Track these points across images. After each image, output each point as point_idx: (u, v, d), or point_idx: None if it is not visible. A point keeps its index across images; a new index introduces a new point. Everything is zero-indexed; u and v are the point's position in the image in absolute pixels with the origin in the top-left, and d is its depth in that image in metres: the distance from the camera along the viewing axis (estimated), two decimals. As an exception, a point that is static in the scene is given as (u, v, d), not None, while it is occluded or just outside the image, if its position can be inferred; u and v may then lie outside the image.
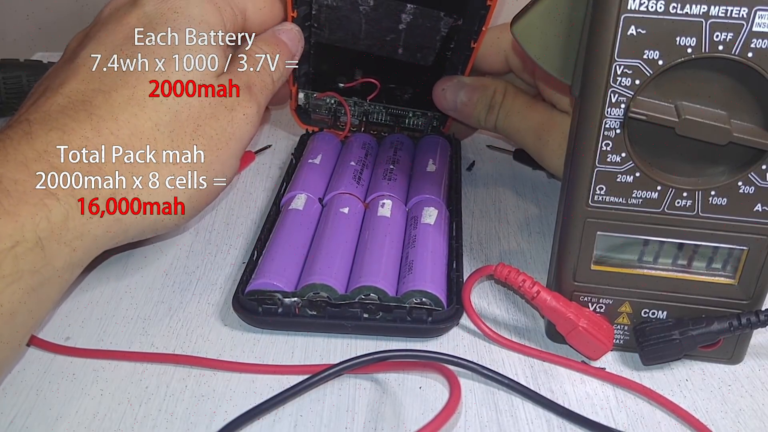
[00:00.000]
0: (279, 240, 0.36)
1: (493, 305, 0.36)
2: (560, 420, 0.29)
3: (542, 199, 0.46)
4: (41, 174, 0.27)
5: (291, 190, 0.41)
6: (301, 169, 0.43)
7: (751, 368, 0.32)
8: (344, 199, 0.40)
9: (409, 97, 0.47)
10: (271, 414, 0.29)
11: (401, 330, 0.33)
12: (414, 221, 0.38)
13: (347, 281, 0.34)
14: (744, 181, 0.28)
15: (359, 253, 0.36)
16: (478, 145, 0.53)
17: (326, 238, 0.36)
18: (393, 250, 0.36)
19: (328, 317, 0.33)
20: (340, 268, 0.34)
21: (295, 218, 0.38)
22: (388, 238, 0.37)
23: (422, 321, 0.33)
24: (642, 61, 0.26)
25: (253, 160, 0.49)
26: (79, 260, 0.29)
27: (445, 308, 0.33)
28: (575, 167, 0.29)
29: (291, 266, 0.35)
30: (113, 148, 0.29)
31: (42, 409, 0.29)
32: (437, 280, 0.34)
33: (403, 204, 0.40)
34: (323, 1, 0.42)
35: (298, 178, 0.42)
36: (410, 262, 0.35)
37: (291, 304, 0.33)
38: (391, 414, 0.29)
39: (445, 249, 0.37)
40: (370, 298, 0.33)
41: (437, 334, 0.34)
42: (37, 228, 0.26)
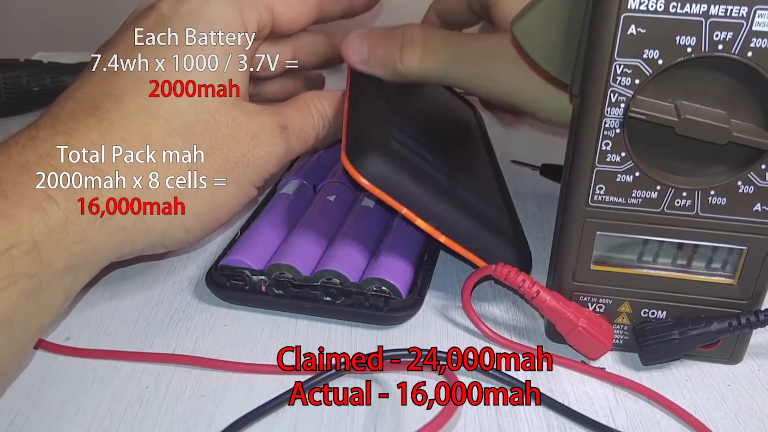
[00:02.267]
0: (260, 221, 0.38)
1: (492, 305, 0.36)
2: (560, 420, 0.29)
3: (542, 199, 0.46)
4: (41, 174, 0.27)
5: (288, 176, 0.43)
6: (303, 157, 0.45)
7: (751, 368, 0.32)
8: (334, 187, 0.41)
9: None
10: (270, 414, 0.29)
11: (358, 315, 0.34)
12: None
13: (316, 265, 0.35)
14: (743, 180, 0.28)
15: (334, 239, 0.37)
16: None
17: (304, 223, 0.37)
18: (367, 239, 0.37)
19: (290, 297, 0.34)
20: (311, 252, 0.35)
21: (282, 202, 0.40)
22: (365, 226, 0.38)
23: (378, 308, 0.34)
24: (642, 61, 0.26)
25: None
26: (79, 265, 0.28)
27: (403, 297, 0.33)
28: (574, 167, 0.29)
29: (266, 246, 0.36)
30: (113, 148, 0.29)
31: (42, 409, 0.29)
32: (400, 270, 0.35)
33: None
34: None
35: (297, 165, 0.44)
36: (380, 251, 0.36)
37: (258, 281, 0.34)
38: (391, 414, 0.29)
39: (420, 241, 0.38)
40: (332, 282, 0.34)
41: (394, 323, 0.34)
42: (33, 231, 0.26)
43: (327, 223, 0.38)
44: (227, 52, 0.33)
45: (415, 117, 0.41)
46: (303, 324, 0.34)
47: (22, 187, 0.27)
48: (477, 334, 0.34)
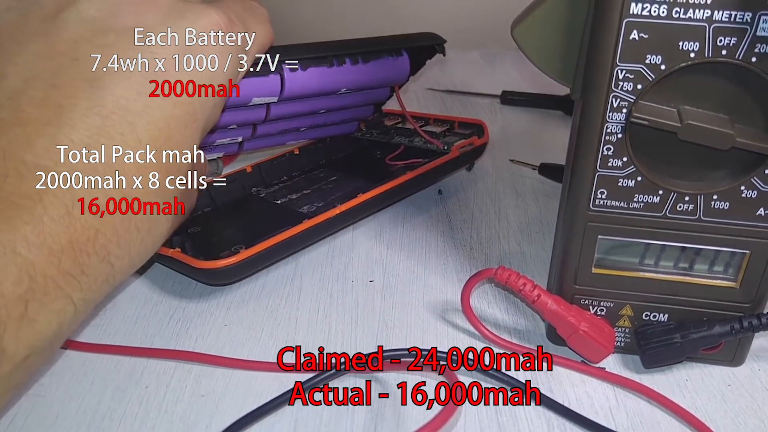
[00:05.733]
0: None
1: (493, 307, 0.36)
2: (560, 420, 0.29)
3: (542, 200, 0.46)
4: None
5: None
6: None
7: (751, 368, 0.32)
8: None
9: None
10: (270, 414, 0.29)
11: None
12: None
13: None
14: (746, 185, 0.28)
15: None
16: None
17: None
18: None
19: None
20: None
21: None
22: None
23: None
24: (644, 66, 0.26)
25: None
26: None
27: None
28: (576, 171, 0.29)
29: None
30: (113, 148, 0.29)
31: (42, 409, 0.29)
32: None
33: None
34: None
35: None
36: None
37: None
38: (391, 414, 0.29)
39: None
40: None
41: None
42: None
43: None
44: (227, 52, 0.32)
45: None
46: (303, 324, 0.34)
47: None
48: (477, 335, 0.34)
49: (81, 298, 0.26)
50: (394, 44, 0.44)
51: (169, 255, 0.35)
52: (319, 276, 0.38)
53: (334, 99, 0.43)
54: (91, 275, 0.27)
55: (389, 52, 0.44)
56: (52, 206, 0.26)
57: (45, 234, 0.25)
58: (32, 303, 0.24)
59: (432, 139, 0.47)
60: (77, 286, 0.26)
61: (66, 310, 0.26)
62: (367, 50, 0.42)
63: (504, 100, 0.63)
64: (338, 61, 0.41)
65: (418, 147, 0.47)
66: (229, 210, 0.43)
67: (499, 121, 0.59)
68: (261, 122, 0.41)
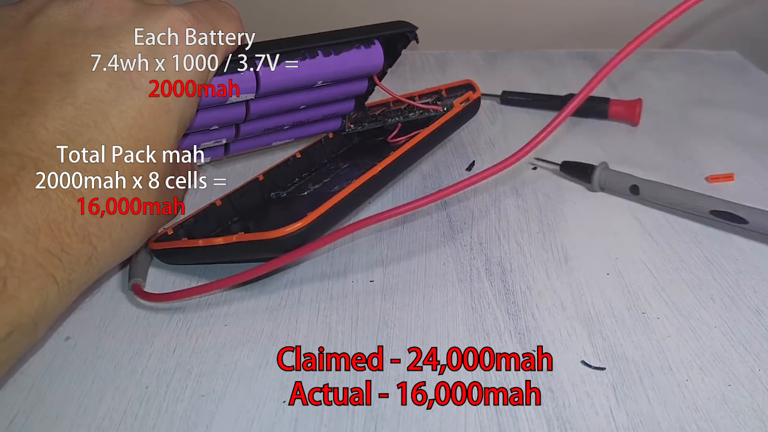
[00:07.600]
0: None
1: (493, 307, 0.36)
2: (560, 420, 0.29)
3: (542, 199, 0.46)
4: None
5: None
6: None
7: (751, 368, 0.32)
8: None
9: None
10: (269, 410, 0.29)
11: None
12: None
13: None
14: None
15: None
16: (478, 144, 0.53)
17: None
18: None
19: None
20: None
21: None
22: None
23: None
24: None
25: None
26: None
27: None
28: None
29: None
30: (114, 148, 0.29)
31: (42, 409, 0.29)
32: None
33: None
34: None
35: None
36: None
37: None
38: (391, 414, 0.29)
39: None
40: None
41: None
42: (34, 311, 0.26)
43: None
44: (196, 50, 0.33)
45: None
46: (303, 324, 0.34)
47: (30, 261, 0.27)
48: (477, 335, 0.34)
49: (64, 277, 0.27)
50: (365, 33, 0.44)
51: (234, 241, 0.35)
52: (319, 276, 0.38)
53: (311, 93, 0.44)
54: (73, 255, 0.27)
55: (361, 42, 0.44)
56: (27, 188, 0.26)
57: (20, 214, 0.25)
58: (11, 280, 0.25)
59: (429, 106, 0.47)
60: (59, 265, 0.27)
61: (48, 288, 0.26)
62: (337, 41, 0.42)
63: (504, 100, 0.63)
64: (310, 53, 0.41)
65: (415, 120, 0.48)
66: (258, 212, 0.43)
67: (499, 121, 0.59)
68: (242, 121, 0.41)
